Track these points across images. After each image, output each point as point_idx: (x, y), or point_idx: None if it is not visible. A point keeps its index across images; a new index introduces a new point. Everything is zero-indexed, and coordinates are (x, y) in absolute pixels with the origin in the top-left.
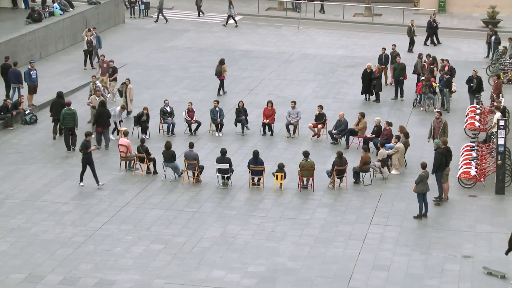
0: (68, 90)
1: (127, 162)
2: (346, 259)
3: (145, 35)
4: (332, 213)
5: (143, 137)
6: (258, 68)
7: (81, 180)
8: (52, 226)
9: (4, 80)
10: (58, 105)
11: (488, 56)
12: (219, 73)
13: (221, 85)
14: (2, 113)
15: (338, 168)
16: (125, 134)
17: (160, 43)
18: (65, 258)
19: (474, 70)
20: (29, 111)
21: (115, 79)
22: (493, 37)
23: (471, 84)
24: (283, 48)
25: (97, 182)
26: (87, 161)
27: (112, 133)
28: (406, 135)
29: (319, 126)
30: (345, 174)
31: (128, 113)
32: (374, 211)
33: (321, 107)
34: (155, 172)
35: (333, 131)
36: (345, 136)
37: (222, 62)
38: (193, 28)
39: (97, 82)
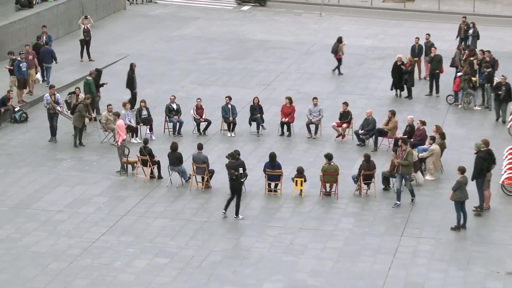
0: (62, 85)
1: (127, 166)
2: (375, 275)
3: (149, 23)
4: (359, 223)
5: (147, 137)
6: (275, 60)
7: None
8: (44, 237)
9: (37, 61)
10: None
11: None
12: (335, 51)
13: (339, 64)
14: None
15: (365, 173)
16: (118, 115)
17: (165, 32)
18: (59, 272)
19: (503, 76)
20: (18, 108)
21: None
22: None
23: (499, 92)
24: (303, 37)
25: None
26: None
27: (132, 136)
28: (442, 136)
29: (344, 125)
30: (373, 180)
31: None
32: (406, 221)
33: (346, 104)
34: (160, 177)
35: (360, 131)
36: (373, 137)
37: (340, 40)
38: (202, 15)
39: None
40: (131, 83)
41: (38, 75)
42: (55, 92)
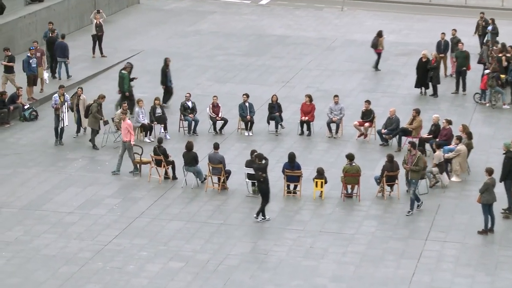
0: (73, 82)
1: (140, 166)
2: (398, 281)
3: (163, 18)
4: (381, 226)
5: (161, 136)
6: (295, 57)
7: (258, 214)
8: (54, 240)
9: (50, 55)
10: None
11: None
12: (375, 46)
13: (378, 59)
14: None
15: (389, 174)
16: (125, 113)
17: (180, 26)
18: (70, 276)
19: None
20: (28, 105)
21: (11, 71)
22: None
23: None
24: (325, 33)
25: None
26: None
27: (146, 136)
28: (469, 136)
29: (366, 124)
30: (396, 181)
31: (84, 129)
32: (430, 224)
33: (368, 102)
34: (174, 178)
35: (383, 131)
36: (397, 137)
37: (380, 34)
38: (219, 10)
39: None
40: (165, 79)
41: (46, 74)
42: (64, 93)
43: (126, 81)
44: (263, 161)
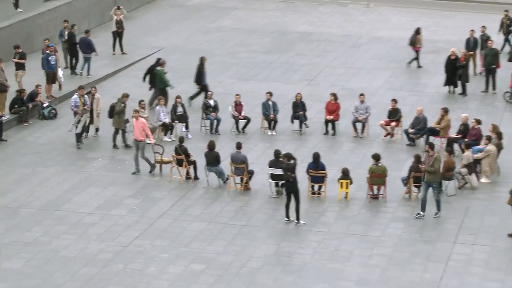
0: (94, 79)
1: (161, 166)
2: (425, 285)
3: (185, 14)
4: (408, 229)
5: (182, 135)
6: (319, 54)
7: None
8: (74, 241)
9: (70, 52)
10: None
11: None
12: (413, 43)
13: (417, 57)
14: (16, 106)
15: (416, 175)
16: (137, 111)
17: (202, 23)
18: (90, 278)
19: None
20: (47, 103)
21: (22, 68)
22: None
23: None
24: (350, 29)
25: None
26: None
27: (165, 135)
28: (499, 136)
29: (393, 124)
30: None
31: (96, 130)
32: (459, 227)
33: (395, 101)
34: (196, 178)
35: (410, 130)
36: (425, 136)
37: (418, 31)
38: (241, 6)
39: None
40: (200, 77)
41: (60, 73)
42: (85, 94)
43: (164, 77)
44: (292, 161)
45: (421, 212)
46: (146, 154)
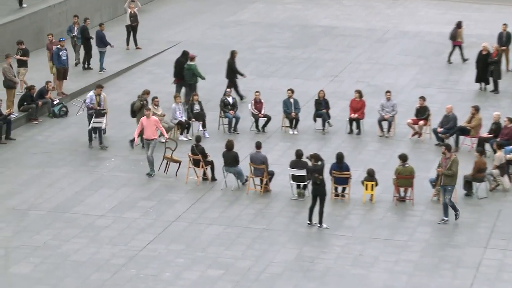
0: (107, 75)
1: (168, 164)
2: None
3: (201, 7)
4: (437, 233)
5: (199, 134)
6: (343, 49)
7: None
8: (85, 245)
9: (84, 46)
10: (180, 66)
11: None
12: (454, 37)
13: (460, 51)
14: (25, 103)
15: None
16: (148, 109)
17: (219, 17)
18: (101, 284)
19: None
20: (58, 101)
21: (25, 65)
22: None
23: None
24: (375, 23)
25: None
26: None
27: (182, 134)
28: None
29: (421, 122)
30: None
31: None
32: (491, 231)
33: (423, 98)
34: (213, 179)
35: (439, 129)
36: (454, 136)
37: (459, 25)
38: None
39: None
40: (231, 73)
41: None
42: (101, 94)
43: (196, 72)
44: (320, 162)
45: (445, 218)
46: (157, 152)
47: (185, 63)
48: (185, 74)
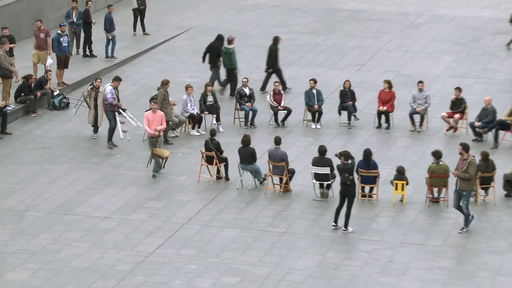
0: (111, 64)
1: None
2: None
3: None
4: (474, 237)
5: (214, 127)
6: (371, 35)
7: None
8: (88, 249)
9: (85, 31)
10: (216, 51)
11: None
12: None
13: None
14: (23, 94)
15: (483, 175)
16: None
17: (236, 0)
18: None
19: None
20: (58, 91)
21: (11, 53)
22: None
23: None
24: (406, 7)
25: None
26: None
27: (193, 128)
28: None
29: (457, 116)
30: (492, 184)
31: (96, 129)
32: None
33: (459, 89)
34: (227, 178)
35: (476, 123)
36: (493, 131)
37: None
38: None
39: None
40: (273, 60)
41: (50, 60)
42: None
43: (234, 57)
44: (350, 161)
45: (465, 227)
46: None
47: (220, 48)
48: (223, 59)
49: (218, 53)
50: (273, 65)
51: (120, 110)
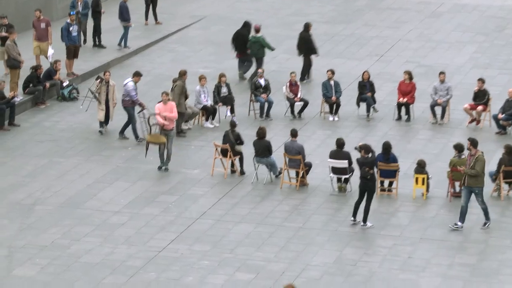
0: (123, 54)
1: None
2: None
3: None
4: (497, 233)
5: (233, 119)
6: (391, 25)
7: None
8: (98, 244)
9: (94, 20)
10: (243, 38)
11: None
12: None
13: None
14: (31, 85)
15: (507, 169)
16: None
17: None
18: None
19: None
20: (68, 82)
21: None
22: None
23: None
24: None
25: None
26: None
27: (207, 120)
28: None
29: (479, 108)
30: None
31: (106, 122)
32: None
33: (482, 81)
34: (242, 172)
35: (500, 116)
36: None
37: None
38: None
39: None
40: (304, 47)
41: (51, 51)
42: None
43: (266, 43)
44: (370, 154)
45: (459, 223)
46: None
47: (247, 36)
48: (251, 47)
49: (245, 40)
50: (306, 53)
51: (144, 111)
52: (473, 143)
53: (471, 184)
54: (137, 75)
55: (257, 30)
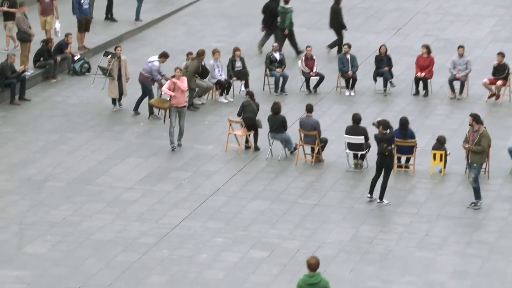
0: (135, 27)
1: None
2: None
3: None
4: None
5: (243, 94)
6: None
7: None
8: (110, 221)
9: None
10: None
11: None
12: None
13: None
14: (42, 59)
15: None
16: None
17: None
18: (129, 266)
19: None
20: (79, 56)
21: (12, 18)
22: None
23: None
24: None
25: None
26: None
27: (221, 95)
28: None
29: (499, 82)
30: None
31: (120, 99)
32: None
33: (502, 55)
34: (257, 148)
35: None
36: None
37: None
38: None
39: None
40: (336, 20)
41: (58, 25)
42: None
43: (289, 17)
44: (388, 131)
45: (476, 200)
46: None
47: (276, 8)
48: (280, 18)
49: (274, 14)
50: (336, 26)
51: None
52: (476, 118)
53: (475, 160)
54: (164, 56)
55: (286, 1)
